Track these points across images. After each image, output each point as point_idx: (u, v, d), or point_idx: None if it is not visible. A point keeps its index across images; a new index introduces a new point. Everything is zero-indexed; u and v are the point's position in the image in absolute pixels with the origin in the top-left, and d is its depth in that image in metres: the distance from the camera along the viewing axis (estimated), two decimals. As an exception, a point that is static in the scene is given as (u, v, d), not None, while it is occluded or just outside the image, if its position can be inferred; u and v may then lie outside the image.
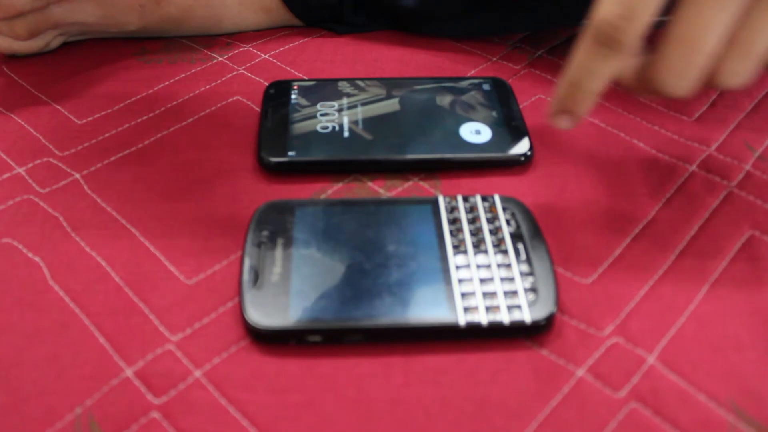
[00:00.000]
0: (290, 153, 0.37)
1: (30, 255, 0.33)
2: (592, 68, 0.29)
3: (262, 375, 0.28)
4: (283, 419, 0.27)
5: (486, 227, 0.33)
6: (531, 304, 0.29)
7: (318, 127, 0.39)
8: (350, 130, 0.39)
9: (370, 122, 0.39)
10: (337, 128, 0.39)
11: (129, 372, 0.28)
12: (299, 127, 0.39)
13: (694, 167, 0.38)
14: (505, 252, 0.31)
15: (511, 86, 0.43)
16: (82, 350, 0.29)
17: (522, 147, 0.38)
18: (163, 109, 0.42)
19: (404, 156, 0.37)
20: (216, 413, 0.27)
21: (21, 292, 0.31)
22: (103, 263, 0.33)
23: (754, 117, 0.42)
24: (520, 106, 0.42)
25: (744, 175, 0.38)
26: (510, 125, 0.39)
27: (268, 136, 0.38)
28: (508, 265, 0.31)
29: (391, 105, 0.41)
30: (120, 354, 0.29)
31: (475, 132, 0.39)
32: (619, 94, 0.43)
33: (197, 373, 0.28)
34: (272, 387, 0.28)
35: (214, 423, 0.27)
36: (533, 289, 0.30)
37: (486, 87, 0.42)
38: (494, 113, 0.40)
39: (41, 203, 0.35)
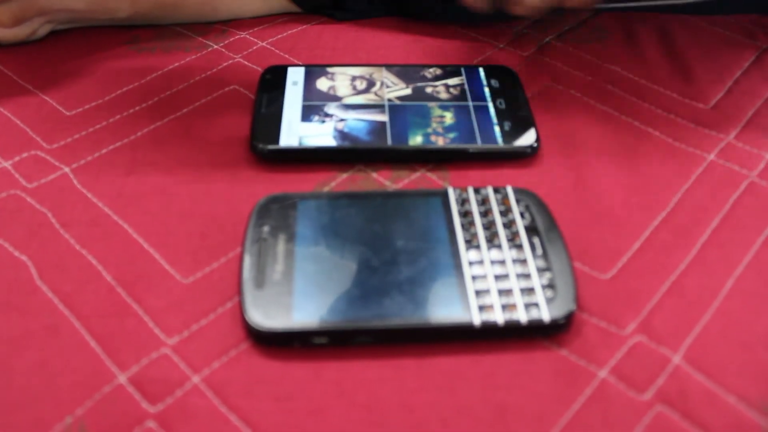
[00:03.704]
0: (284, 140, 0.35)
1: (16, 254, 0.31)
2: None
3: (264, 380, 0.27)
4: (288, 427, 0.25)
5: (499, 220, 0.31)
6: (549, 302, 0.28)
7: (315, 115, 0.37)
8: (348, 117, 0.37)
9: (369, 109, 0.38)
10: (334, 115, 0.37)
11: (122, 378, 0.26)
12: (295, 114, 0.37)
13: (712, 156, 0.37)
14: (519, 247, 0.30)
15: (518, 75, 0.41)
16: (73, 355, 0.27)
17: (528, 138, 0.36)
18: (156, 99, 0.40)
19: (404, 145, 0.35)
20: (216, 421, 0.25)
21: (7, 294, 0.29)
22: (94, 262, 0.31)
23: (773, 104, 0.40)
24: (528, 95, 0.40)
25: (765, 164, 0.36)
26: (516, 116, 0.38)
27: (262, 124, 0.36)
28: (524, 261, 0.29)
29: (394, 93, 0.39)
30: (113, 359, 0.27)
31: (480, 122, 0.37)
32: (632, 80, 0.42)
33: (195, 379, 0.27)
34: (276, 393, 0.26)
35: (214, 432, 0.25)
36: (551, 286, 0.28)
37: (492, 76, 0.41)
38: (500, 103, 0.38)
39: (28, 199, 0.34)
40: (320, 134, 0.36)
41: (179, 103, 0.40)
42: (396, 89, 0.39)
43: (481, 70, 0.41)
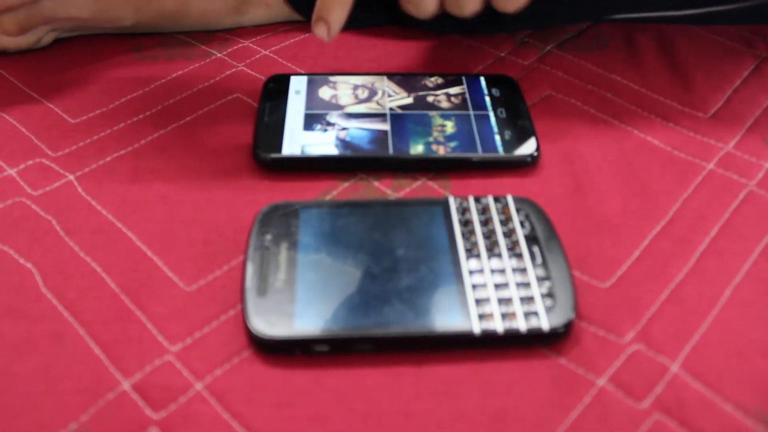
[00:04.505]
0: (286, 149, 0.36)
1: (21, 261, 0.31)
2: None
3: (266, 387, 0.27)
4: (290, 434, 0.25)
5: (499, 229, 0.31)
6: (548, 311, 0.28)
7: (317, 123, 0.37)
8: (350, 126, 0.37)
9: (371, 118, 0.38)
10: (336, 124, 0.37)
11: (126, 385, 0.27)
12: (297, 123, 0.37)
13: (711, 165, 0.37)
14: (519, 255, 0.30)
15: (519, 84, 0.42)
16: (77, 362, 0.27)
17: (528, 147, 0.36)
18: (160, 107, 0.40)
19: (406, 154, 0.36)
20: (218, 428, 0.26)
21: (12, 300, 0.30)
22: (98, 269, 0.31)
23: (772, 113, 0.41)
24: (528, 104, 0.41)
25: (763, 173, 0.36)
26: (517, 125, 0.38)
27: (264, 132, 0.37)
28: (524, 270, 0.29)
29: (395, 101, 0.39)
30: (116, 366, 0.27)
31: (481, 131, 0.37)
32: (632, 89, 0.42)
33: (198, 386, 0.27)
34: (277, 400, 0.26)
35: (216, 439, 0.25)
36: (550, 295, 0.29)
37: (493, 85, 0.41)
38: (501, 112, 0.39)
39: (33, 206, 0.34)
40: (322, 143, 0.36)
41: (182, 111, 0.40)
42: (397, 98, 0.40)
43: (482, 79, 0.41)
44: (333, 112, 0.38)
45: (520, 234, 0.31)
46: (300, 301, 0.28)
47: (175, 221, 0.33)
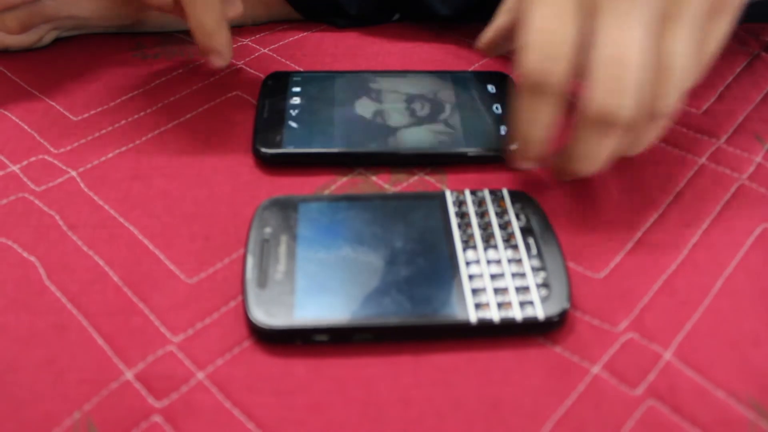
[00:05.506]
0: (286, 145, 0.36)
1: (25, 255, 0.32)
2: (533, 118, 0.30)
3: (267, 376, 0.27)
4: (290, 422, 0.26)
5: (495, 222, 0.32)
6: (543, 300, 0.29)
7: (316, 119, 0.38)
8: (349, 121, 0.38)
9: (369, 115, 0.38)
10: (335, 120, 0.38)
11: (129, 374, 0.27)
12: (296, 119, 0.38)
13: (703, 160, 0.38)
14: (515, 247, 0.31)
15: (514, 80, 0.42)
16: (80, 353, 0.28)
17: None
18: (160, 104, 0.41)
19: (403, 149, 0.36)
20: (220, 416, 0.26)
21: (16, 293, 0.30)
22: (101, 263, 0.32)
23: (763, 109, 0.41)
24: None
25: (755, 167, 0.37)
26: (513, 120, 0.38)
27: (264, 128, 0.37)
28: (519, 260, 0.30)
29: (393, 98, 0.40)
30: (119, 356, 0.28)
31: (477, 126, 0.38)
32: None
33: (200, 375, 0.27)
34: (278, 388, 0.27)
35: (217, 426, 0.26)
36: (545, 285, 0.29)
37: (489, 81, 0.41)
38: (497, 108, 0.39)
39: (36, 201, 0.34)
40: (321, 139, 0.37)
41: (183, 108, 0.41)
42: (395, 95, 0.40)
43: (478, 75, 0.42)
44: (331, 108, 0.39)
45: (516, 226, 0.32)
46: (299, 292, 0.29)
47: (176, 216, 0.34)
